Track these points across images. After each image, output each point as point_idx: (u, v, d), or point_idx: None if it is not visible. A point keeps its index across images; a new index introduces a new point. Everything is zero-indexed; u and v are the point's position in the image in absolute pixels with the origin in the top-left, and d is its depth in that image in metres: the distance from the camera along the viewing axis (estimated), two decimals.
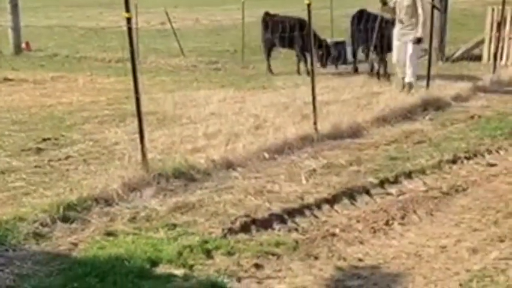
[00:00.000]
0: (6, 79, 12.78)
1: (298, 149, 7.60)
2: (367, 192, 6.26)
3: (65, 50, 17.49)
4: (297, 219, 5.56)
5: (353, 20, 12.88)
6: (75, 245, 4.98)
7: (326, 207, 5.86)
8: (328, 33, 13.62)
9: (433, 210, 5.83)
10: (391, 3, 10.78)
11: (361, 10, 12.71)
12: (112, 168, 6.39)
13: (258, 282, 4.47)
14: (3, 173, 6.61)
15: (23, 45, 17.68)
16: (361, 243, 5.12)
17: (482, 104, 10.49)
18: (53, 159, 7.13)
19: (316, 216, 5.67)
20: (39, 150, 7.51)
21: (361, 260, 4.83)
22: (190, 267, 4.60)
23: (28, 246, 4.91)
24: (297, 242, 5.08)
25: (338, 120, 8.46)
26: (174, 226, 5.30)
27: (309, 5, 8.15)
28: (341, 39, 14.81)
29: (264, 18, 13.82)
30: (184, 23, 21.09)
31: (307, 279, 4.51)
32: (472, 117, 9.49)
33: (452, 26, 15.75)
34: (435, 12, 11.60)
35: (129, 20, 6.14)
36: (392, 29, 11.17)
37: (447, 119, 9.37)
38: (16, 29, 17.60)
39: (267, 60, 13.77)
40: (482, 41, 15.28)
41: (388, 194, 6.27)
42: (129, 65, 6.38)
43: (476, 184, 6.56)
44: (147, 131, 6.87)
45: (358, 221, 5.53)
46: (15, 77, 13.10)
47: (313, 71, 8.60)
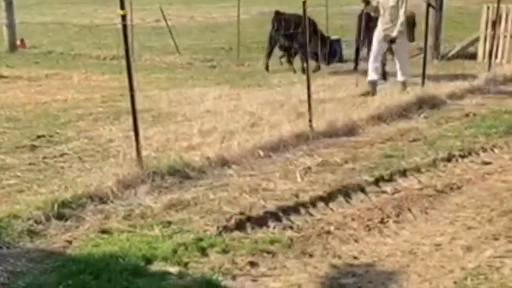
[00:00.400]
0: (0, 76, 12.75)
1: (293, 146, 7.60)
2: (362, 190, 6.25)
3: (59, 47, 17.44)
4: (292, 217, 5.56)
5: (360, 18, 12.56)
6: (70, 242, 4.96)
7: (321, 205, 5.85)
8: (323, 30, 13.59)
9: (428, 208, 5.83)
10: (374, 2, 10.67)
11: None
12: (107, 165, 6.39)
13: (252, 280, 4.47)
14: None
15: (18, 42, 17.61)
16: (356, 241, 5.12)
17: (477, 102, 10.50)
18: (48, 157, 7.11)
19: (311, 214, 5.67)
20: (33, 147, 7.49)
21: (356, 257, 4.83)
22: (185, 265, 4.60)
23: (22, 243, 4.89)
24: (291, 240, 5.08)
25: (333, 118, 8.46)
26: (169, 224, 5.29)
27: (304, 3, 8.15)
28: (336, 37, 14.79)
29: (275, 16, 13.60)
30: (179, 20, 21.08)
31: (302, 277, 4.50)
32: (467, 116, 9.50)
33: (447, 24, 15.77)
34: (430, 10, 11.58)
35: (124, 17, 6.12)
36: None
37: (442, 117, 9.38)
38: (11, 26, 17.52)
39: (267, 58, 13.59)
40: (477, 39, 15.30)
41: (383, 192, 6.27)
42: (124, 63, 6.37)
43: (471, 182, 6.57)
44: (142, 129, 6.86)
45: (353, 219, 5.53)
46: (10, 74, 13.06)
47: (307, 68, 8.61)
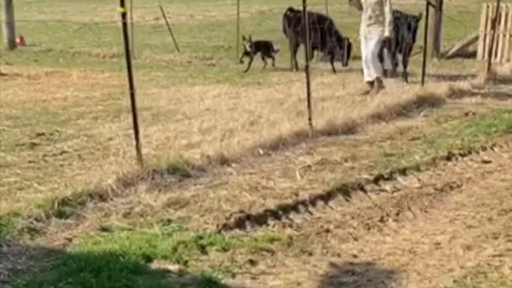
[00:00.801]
0: (0, 74, 12.74)
1: (292, 145, 7.61)
2: (362, 188, 6.26)
3: (59, 45, 17.44)
4: (291, 216, 5.56)
5: None
6: (70, 240, 4.97)
7: (320, 204, 5.86)
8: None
9: (428, 207, 5.84)
10: None
11: None
12: (106, 163, 6.38)
13: (252, 278, 4.47)
14: None
15: (17, 40, 17.61)
16: (356, 240, 5.12)
17: (477, 101, 10.51)
18: (48, 155, 7.11)
19: (310, 213, 5.68)
20: (33, 145, 7.48)
21: (355, 256, 4.84)
22: (185, 263, 4.60)
23: (22, 241, 4.89)
24: (291, 238, 5.08)
25: (333, 117, 8.47)
26: (169, 222, 5.29)
27: (304, 0, 8.16)
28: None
29: (286, 14, 13.44)
30: (179, 18, 21.01)
31: (302, 275, 4.51)
32: (466, 114, 9.51)
33: (447, 23, 15.75)
34: (430, 9, 11.57)
35: (124, 15, 6.12)
36: (406, 27, 11.07)
37: (442, 116, 9.38)
38: (10, 23, 17.52)
39: (294, 57, 13.27)
40: (477, 38, 15.31)
41: (382, 190, 6.27)
42: (124, 61, 6.37)
43: (470, 181, 6.58)
44: (142, 127, 6.86)
45: (352, 218, 5.54)
46: (9, 72, 13.04)
47: (307, 67, 8.60)
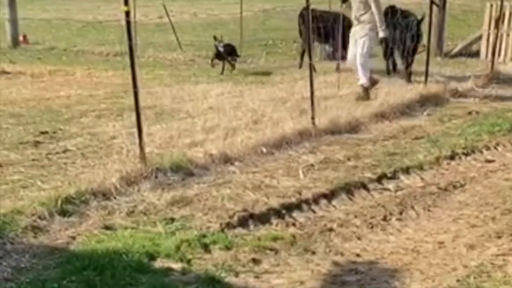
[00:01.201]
0: (3, 72, 12.74)
1: (296, 143, 7.60)
2: (365, 187, 6.26)
3: (62, 43, 17.44)
4: (294, 214, 5.56)
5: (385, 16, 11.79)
6: (73, 238, 4.97)
7: (324, 202, 5.86)
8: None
9: (431, 206, 5.84)
10: None
11: (392, 6, 11.87)
12: (110, 162, 6.38)
13: (255, 277, 4.47)
14: (1, 166, 6.59)
15: (20, 38, 17.62)
16: (359, 239, 5.12)
17: (480, 100, 10.49)
18: (51, 153, 7.11)
19: (313, 211, 5.68)
20: (37, 143, 7.49)
21: (358, 255, 4.84)
22: (188, 262, 4.60)
23: (26, 239, 4.90)
24: (294, 237, 5.08)
25: (336, 115, 8.47)
26: (172, 220, 5.30)
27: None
28: None
29: (301, 13, 13.35)
30: (182, 17, 21.07)
31: (305, 274, 4.51)
32: (470, 113, 9.50)
33: (450, 21, 15.74)
34: (433, 8, 11.56)
35: (127, 13, 6.12)
36: (415, 27, 11.04)
37: (445, 115, 9.38)
38: (13, 21, 17.53)
39: (302, 56, 13.10)
40: (480, 37, 15.28)
41: (385, 189, 6.27)
42: (127, 59, 6.37)
43: (474, 180, 6.57)
44: (145, 125, 6.85)
45: (355, 216, 5.54)
46: (13, 70, 13.05)
47: (311, 65, 8.60)
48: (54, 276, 4.32)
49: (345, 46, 12.20)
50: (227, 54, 12.82)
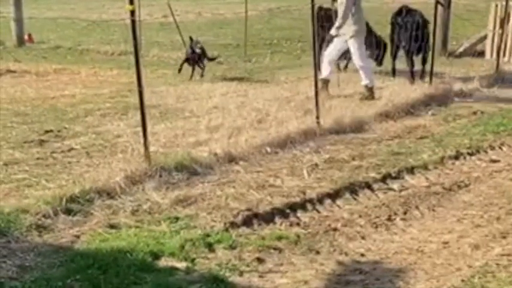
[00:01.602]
0: (8, 71, 12.76)
1: (300, 143, 7.60)
2: (369, 187, 6.26)
3: (67, 42, 17.46)
4: (298, 214, 5.56)
5: (396, 16, 11.75)
6: (78, 237, 4.98)
7: (328, 202, 5.86)
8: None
9: (436, 206, 5.83)
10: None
11: (404, 6, 11.75)
12: (114, 161, 6.39)
13: (259, 276, 4.47)
14: (6, 164, 6.61)
15: (26, 37, 17.64)
16: (363, 238, 5.12)
17: (485, 100, 10.48)
18: (56, 152, 7.12)
19: (318, 211, 5.67)
20: (41, 142, 7.50)
21: (363, 255, 4.83)
22: (192, 261, 4.61)
23: (30, 238, 4.91)
24: (298, 236, 5.08)
25: (341, 115, 8.47)
26: (176, 219, 5.30)
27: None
28: None
29: (318, 12, 13.21)
30: (187, 16, 21.01)
31: (309, 274, 4.51)
32: (474, 113, 9.49)
33: (455, 21, 15.72)
34: (438, 7, 11.54)
35: (132, 12, 6.13)
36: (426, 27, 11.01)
37: (450, 115, 9.37)
38: (18, 20, 17.55)
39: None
40: (485, 37, 15.26)
41: (390, 189, 6.26)
42: (132, 58, 6.38)
43: (478, 180, 6.56)
44: (150, 124, 6.87)
45: (360, 216, 5.53)
46: (18, 68, 13.07)
47: (315, 64, 8.60)
48: (58, 274, 4.33)
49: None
50: (198, 57, 12.20)
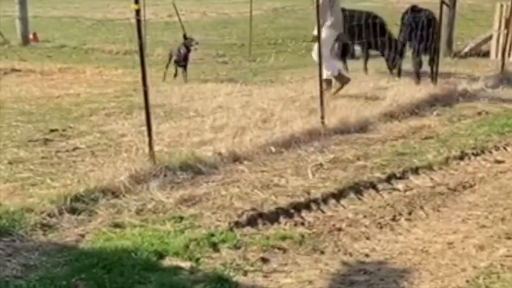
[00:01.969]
0: (13, 70, 12.80)
1: (305, 143, 7.59)
2: (374, 187, 6.25)
3: (72, 41, 17.48)
4: (303, 214, 5.56)
5: (406, 16, 11.65)
6: (82, 236, 4.99)
7: (332, 202, 5.85)
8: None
9: (440, 206, 5.82)
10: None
11: (414, 6, 11.63)
12: (119, 160, 6.40)
13: (264, 276, 4.47)
14: (10, 163, 6.63)
15: (31, 36, 17.66)
16: (368, 239, 5.11)
17: (490, 100, 10.43)
18: (61, 151, 7.14)
19: (322, 211, 5.67)
20: (46, 141, 7.52)
21: (367, 255, 4.83)
22: (197, 260, 4.61)
23: (35, 237, 4.92)
24: (303, 236, 5.08)
25: (345, 115, 8.45)
26: (181, 219, 5.30)
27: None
28: None
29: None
30: (192, 15, 21.05)
31: (313, 274, 4.50)
32: (479, 114, 9.47)
33: (460, 21, 15.69)
34: (444, 7, 11.50)
35: (138, 11, 6.14)
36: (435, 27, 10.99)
37: (455, 115, 9.34)
38: (23, 19, 17.59)
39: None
40: (490, 37, 15.23)
41: (395, 189, 6.25)
42: (137, 57, 6.38)
43: (483, 181, 6.55)
44: (154, 124, 6.88)
45: (364, 216, 5.53)
46: (23, 67, 13.10)
47: (320, 64, 8.59)
48: (63, 273, 4.34)
49: (376, 46, 12.16)
50: (185, 57, 11.80)
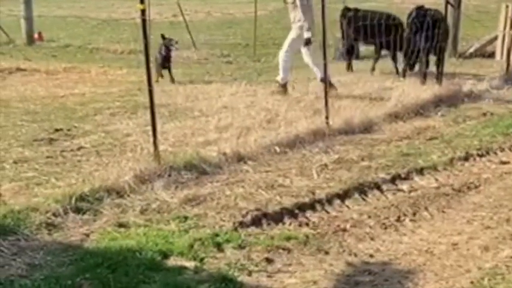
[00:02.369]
0: (18, 69, 12.82)
1: (309, 143, 7.59)
2: (379, 188, 6.24)
3: (77, 41, 17.52)
4: (307, 214, 5.56)
5: (415, 16, 11.39)
6: (87, 235, 5.00)
7: (337, 203, 5.85)
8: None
9: (445, 207, 5.81)
10: None
11: (421, 6, 11.48)
12: (124, 159, 6.41)
13: (268, 277, 4.47)
14: (15, 163, 6.64)
15: (36, 36, 17.71)
16: (372, 239, 5.11)
17: (495, 101, 10.42)
18: (65, 150, 7.15)
19: (327, 211, 5.67)
20: (51, 140, 7.53)
21: (372, 256, 4.83)
22: (201, 260, 4.61)
23: (40, 236, 4.93)
24: (307, 236, 5.08)
25: (350, 115, 8.45)
26: (185, 219, 5.31)
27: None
28: None
29: (343, 14, 12.76)
30: (196, 15, 21.05)
31: (318, 274, 4.51)
32: (484, 115, 9.45)
33: (465, 22, 15.66)
34: (449, 8, 11.48)
35: (143, 11, 6.14)
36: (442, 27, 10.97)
37: (459, 116, 9.33)
38: (28, 19, 17.64)
39: (349, 59, 12.82)
40: (495, 38, 15.20)
41: (399, 190, 6.25)
42: (142, 57, 6.39)
43: (488, 182, 6.53)
44: (159, 123, 6.88)
45: (369, 217, 5.52)
46: (28, 67, 13.13)
47: (326, 65, 8.59)
48: (68, 273, 4.35)
49: (388, 46, 12.14)
50: (168, 58, 11.48)
